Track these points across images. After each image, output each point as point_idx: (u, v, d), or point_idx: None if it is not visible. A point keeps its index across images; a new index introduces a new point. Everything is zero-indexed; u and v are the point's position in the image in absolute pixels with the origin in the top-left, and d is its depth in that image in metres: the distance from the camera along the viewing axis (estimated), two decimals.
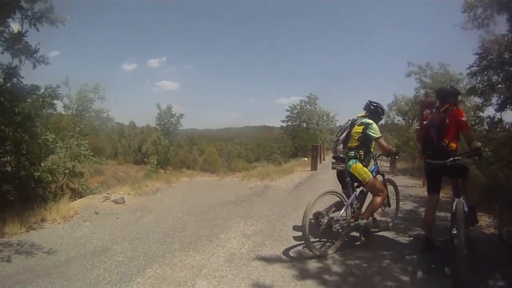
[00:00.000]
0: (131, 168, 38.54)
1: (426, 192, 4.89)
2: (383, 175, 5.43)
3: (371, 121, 4.94)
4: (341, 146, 5.05)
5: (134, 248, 4.90)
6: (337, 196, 4.79)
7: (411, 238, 5.39)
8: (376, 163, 5.32)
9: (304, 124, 42.46)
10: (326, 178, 12.93)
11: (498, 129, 9.62)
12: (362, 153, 4.91)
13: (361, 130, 4.90)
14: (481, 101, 10.28)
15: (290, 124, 43.16)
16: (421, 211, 6.81)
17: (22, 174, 7.30)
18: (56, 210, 6.45)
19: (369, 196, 5.03)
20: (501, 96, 9.43)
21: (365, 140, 4.93)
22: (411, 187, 10.66)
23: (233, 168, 41.51)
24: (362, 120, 4.98)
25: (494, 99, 9.81)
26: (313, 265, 4.29)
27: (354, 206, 4.90)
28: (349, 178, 4.86)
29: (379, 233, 5.52)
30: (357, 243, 4.98)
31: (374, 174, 5.07)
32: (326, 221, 4.47)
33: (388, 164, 17.60)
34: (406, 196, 8.86)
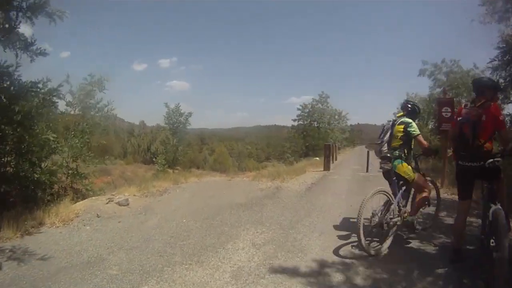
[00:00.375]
0: (140, 167, 37.98)
1: (451, 195, 4.52)
2: (423, 175, 5.33)
3: (410, 120, 5.07)
4: (385, 147, 5.12)
5: (131, 259, 4.42)
6: (384, 195, 4.90)
7: (437, 247, 4.88)
8: (417, 163, 5.34)
9: (315, 123, 41.46)
10: (340, 178, 12.53)
11: None
12: (406, 152, 5.05)
13: (402, 129, 5.02)
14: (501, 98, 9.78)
15: (301, 123, 42.21)
16: (443, 215, 6.33)
17: (22, 175, 6.90)
18: (56, 213, 6.07)
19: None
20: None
21: (407, 138, 5.04)
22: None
23: (243, 168, 41.01)
24: (402, 120, 5.10)
25: None
26: (332, 280, 3.81)
27: (400, 204, 4.98)
28: (395, 177, 5.03)
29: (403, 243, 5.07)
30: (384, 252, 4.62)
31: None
32: (377, 220, 4.60)
33: None
34: None
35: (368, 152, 16.71)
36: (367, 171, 15.18)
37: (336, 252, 4.66)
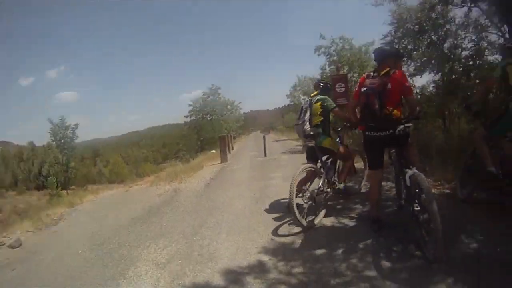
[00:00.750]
0: (33, 195, 34.99)
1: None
2: (347, 146, 5.80)
3: (325, 96, 5.36)
4: (307, 126, 5.26)
5: None
6: (311, 169, 5.05)
7: (355, 220, 4.80)
8: (340, 135, 5.65)
9: (208, 116, 40.90)
10: (238, 168, 12.34)
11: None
12: (327, 127, 5.31)
13: (320, 106, 5.25)
14: None
15: (194, 118, 41.30)
16: (350, 185, 6.25)
17: None
18: None
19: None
20: (418, 61, 10.03)
21: (326, 113, 5.28)
22: None
23: (141, 174, 39.58)
24: (318, 97, 5.35)
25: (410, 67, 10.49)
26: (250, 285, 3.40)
27: (329, 176, 5.18)
28: (320, 152, 5.20)
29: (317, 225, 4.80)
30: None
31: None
32: (309, 194, 4.73)
33: (300, 143, 17.56)
34: None
35: (264, 136, 16.90)
36: (265, 155, 15.29)
37: (248, 252, 4.24)
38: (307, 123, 5.29)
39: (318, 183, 4.97)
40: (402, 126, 3.74)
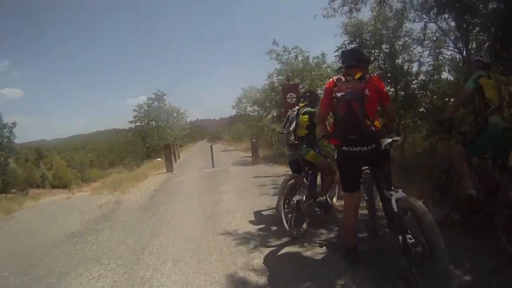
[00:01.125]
0: None
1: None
2: (325, 157, 5.49)
3: (314, 110, 5.17)
4: (292, 136, 5.09)
5: None
6: (296, 180, 4.93)
7: (324, 248, 4.08)
8: (319, 147, 5.44)
9: (153, 122, 39.11)
10: (185, 179, 11.51)
11: None
12: (312, 140, 5.13)
13: (307, 119, 5.09)
14: None
15: (139, 124, 39.11)
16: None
17: None
18: None
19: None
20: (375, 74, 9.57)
21: (312, 127, 5.13)
22: (283, 176, 9.62)
23: (87, 179, 37.70)
24: (306, 110, 5.17)
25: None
26: None
27: (311, 187, 5.14)
28: (304, 164, 5.18)
29: (283, 251, 4.13)
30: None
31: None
32: (294, 204, 4.61)
33: (248, 154, 16.98)
34: None
35: (211, 146, 16.18)
36: (213, 166, 14.57)
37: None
38: (292, 134, 5.12)
39: (302, 193, 4.78)
40: (389, 140, 3.08)
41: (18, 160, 23.79)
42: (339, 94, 3.22)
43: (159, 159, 20.15)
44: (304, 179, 5.07)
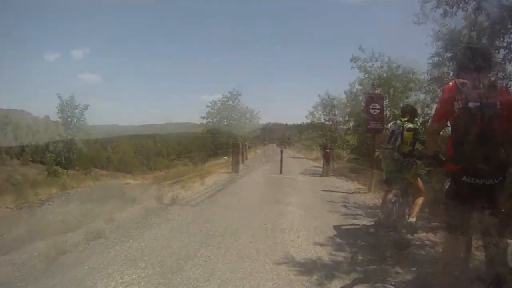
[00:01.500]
0: (36, 169, 33.94)
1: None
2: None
3: (417, 126, 5.15)
4: (396, 154, 4.97)
5: None
6: (396, 198, 5.02)
7: None
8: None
9: (225, 120, 39.34)
10: (250, 182, 11.06)
11: None
12: (413, 158, 4.83)
13: (411, 136, 4.95)
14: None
15: (211, 120, 39.68)
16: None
17: None
18: None
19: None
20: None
21: (414, 144, 4.97)
22: (355, 194, 8.83)
23: (152, 167, 38.39)
24: (410, 126, 5.02)
25: None
26: None
27: (404, 207, 5.02)
28: (401, 181, 5.02)
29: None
30: None
31: None
32: (392, 220, 4.80)
33: (317, 164, 15.99)
34: (356, 207, 7.02)
35: (281, 151, 15.25)
36: (280, 172, 13.77)
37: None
38: (396, 150, 4.98)
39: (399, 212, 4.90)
40: None
41: (87, 140, 24.19)
42: (471, 105, 2.39)
43: (225, 157, 19.78)
44: (400, 197, 5.02)
